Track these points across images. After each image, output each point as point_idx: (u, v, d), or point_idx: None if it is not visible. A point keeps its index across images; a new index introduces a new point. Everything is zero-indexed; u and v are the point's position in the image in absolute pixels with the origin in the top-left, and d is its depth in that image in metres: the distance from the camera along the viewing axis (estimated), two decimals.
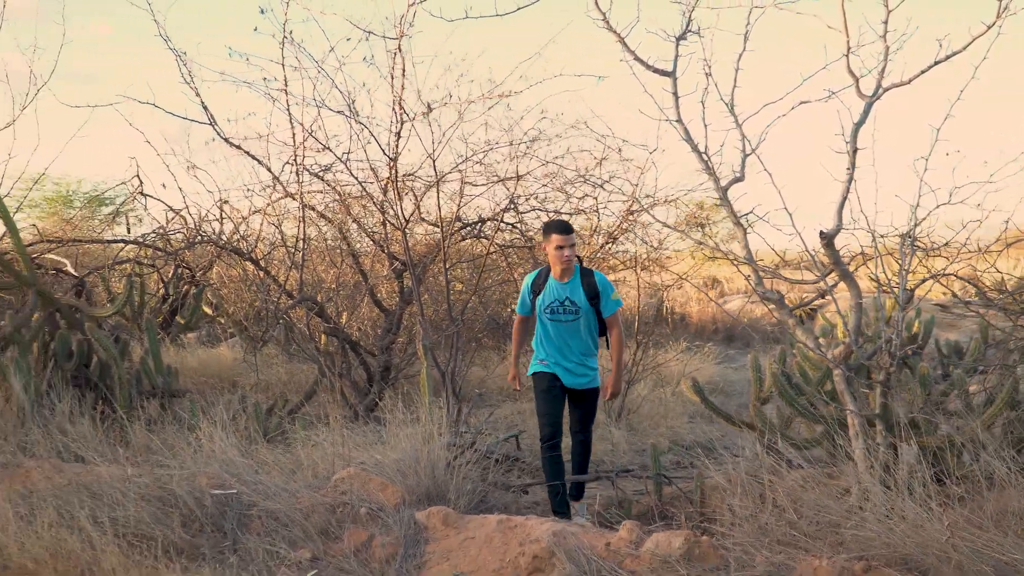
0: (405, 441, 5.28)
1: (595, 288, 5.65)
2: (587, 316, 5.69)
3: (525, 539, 3.94)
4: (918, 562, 3.17)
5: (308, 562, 4.15)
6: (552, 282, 5.74)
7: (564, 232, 5.56)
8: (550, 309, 5.71)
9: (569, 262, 5.59)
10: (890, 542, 3.27)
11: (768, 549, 3.56)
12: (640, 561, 3.66)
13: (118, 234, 13.97)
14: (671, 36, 5.58)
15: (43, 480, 5.08)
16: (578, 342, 5.75)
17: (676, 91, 5.53)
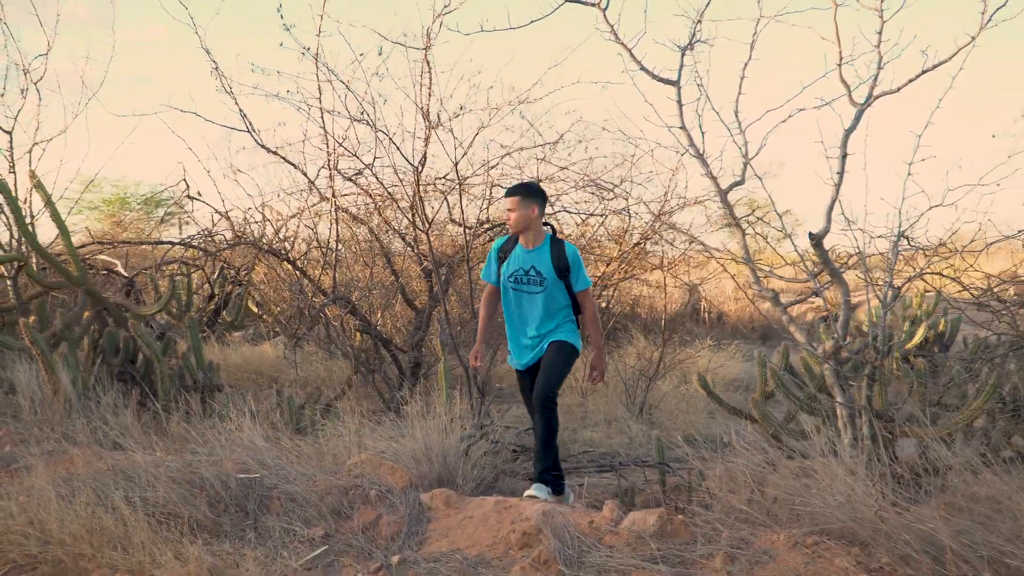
0: (420, 431, 5.59)
1: (564, 260, 5.18)
2: (553, 290, 5.22)
3: (517, 518, 4.24)
4: (859, 536, 3.41)
5: (320, 539, 4.50)
6: (519, 249, 5.31)
7: (507, 194, 5.25)
8: (514, 278, 5.31)
9: (515, 226, 5.21)
10: (834, 517, 3.52)
11: (733, 527, 3.82)
12: (618, 537, 3.95)
13: (167, 236, 14.53)
14: (677, 47, 5.85)
15: (84, 465, 5.52)
16: (542, 316, 5.29)
17: (680, 99, 5.80)
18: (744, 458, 4.39)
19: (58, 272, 8.19)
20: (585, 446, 7.59)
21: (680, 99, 5.79)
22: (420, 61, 7.28)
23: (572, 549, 3.94)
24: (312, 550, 4.43)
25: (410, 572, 4.04)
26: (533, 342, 5.35)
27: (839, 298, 5.45)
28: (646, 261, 11.69)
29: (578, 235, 11.45)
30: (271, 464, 5.18)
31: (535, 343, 5.35)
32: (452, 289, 8.86)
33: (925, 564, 3.09)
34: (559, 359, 5.25)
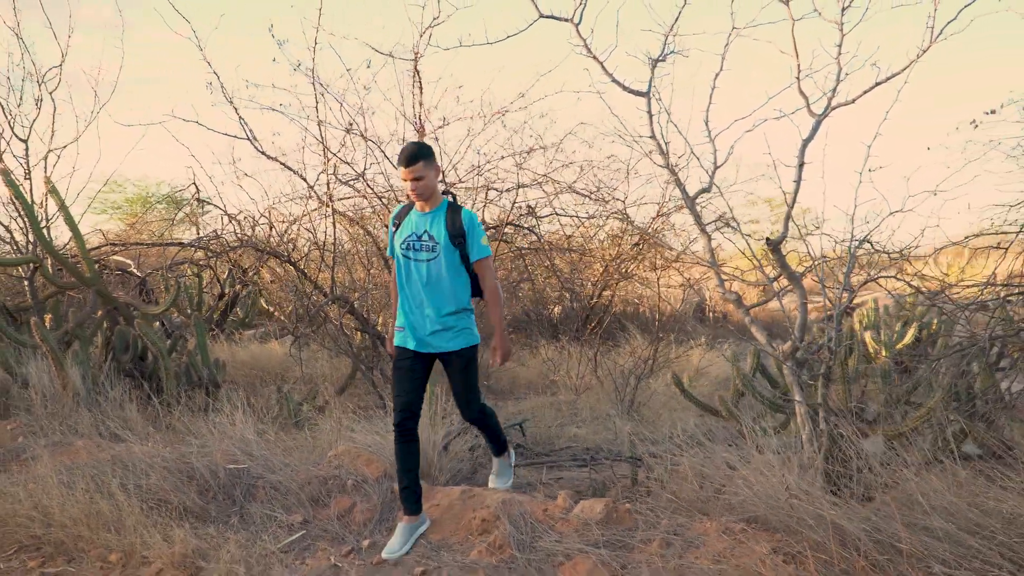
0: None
1: (460, 226, 4.65)
2: (448, 257, 4.65)
3: (479, 506, 4.58)
4: (780, 524, 3.71)
5: (298, 524, 4.85)
6: (413, 213, 4.79)
7: (405, 163, 4.59)
8: (406, 244, 4.74)
9: (416, 194, 4.64)
10: (756, 507, 3.83)
11: (672, 516, 4.13)
12: (568, 524, 4.27)
13: (179, 237, 14.95)
14: (649, 59, 6.16)
15: (87, 455, 5.90)
16: (436, 291, 4.69)
17: (650, 110, 6.11)
18: (690, 453, 4.69)
19: (71, 273, 8.59)
20: (569, 441, 7.89)
21: (650, 110, 6.10)
22: (410, 71, 7.62)
23: (526, 535, 4.27)
24: (291, 535, 4.78)
25: (375, 556, 4.38)
26: (429, 329, 4.72)
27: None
28: (645, 261, 12.01)
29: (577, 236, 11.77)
30: (258, 455, 5.53)
31: (442, 327, 4.72)
32: None
33: (834, 549, 3.38)
34: (471, 375, 4.85)
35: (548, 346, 12.28)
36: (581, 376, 10.85)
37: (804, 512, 3.58)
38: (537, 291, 11.56)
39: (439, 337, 4.73)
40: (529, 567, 4.05)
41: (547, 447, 7.41)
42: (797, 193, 5.57)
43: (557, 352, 11.98)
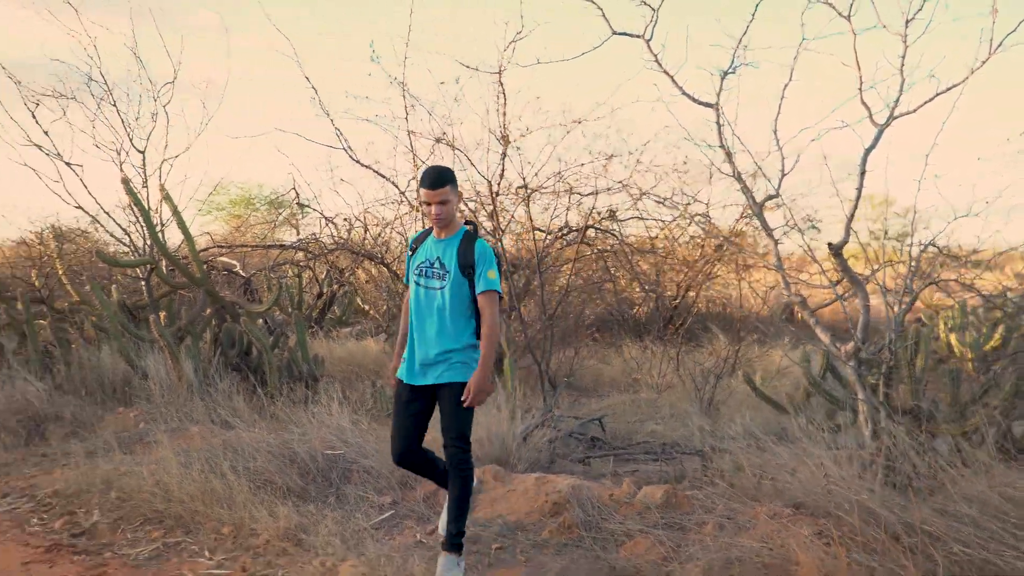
0: (484, 419, 6.38)
1: (471, 256, 4.40)
2: (456, 287, 4.40)
3: (551, 491, 5.00)
4: (820, 509, 4.03)
5: (388, 505, 5.35)
6: (429, 240, 4.59)
7: (431, 187, 4.33)
8: (419, 270, 4.54)
9: (439, 220, 4.40)
10: (802, 495, 4.15)
11: (728, 501, 4.48)
12: (631, 507, 4.67)
13: (280, 239, 15.73)
14: (719, 72, 6.49)
15: (201, 440, 6.53)
16: (442, 320, 4.44)
17: (719, 121, 6.43)
18: (748, 447, 5.02)
19: (183, 274, 9.30)
20: (646, 437, 8.23)
21: (719, 121, 6.42)
22: (495, 83, 8.08)
23: (592, 517, 4.68)
24: (381, 514, 5.28)
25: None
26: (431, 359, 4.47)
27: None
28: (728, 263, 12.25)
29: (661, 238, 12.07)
30: (353, 443, 6.06)
31: (431, 363, 4.47)
32: (529, 290, 9.60)
33: (859, 527, 3.70)
34: (458, 411, 4.45)
35: (632, 345, 12.62)
36: (663, 375, 11.16)
37: (841, 498, 3.89)
38: (618, 292, 11.91)
39: (435, 369, 4.44)
40: (594, 545, 4.46)
41: (624, 441, 7.78)
42: (859, 200, 5.82)
43: (640, 351, 12.30)
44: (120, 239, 11.21)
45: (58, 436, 7.73)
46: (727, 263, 12.25)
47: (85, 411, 8.19)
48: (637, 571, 4.14)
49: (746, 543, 3.93)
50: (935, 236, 5.82)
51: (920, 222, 5.68)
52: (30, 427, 7.97)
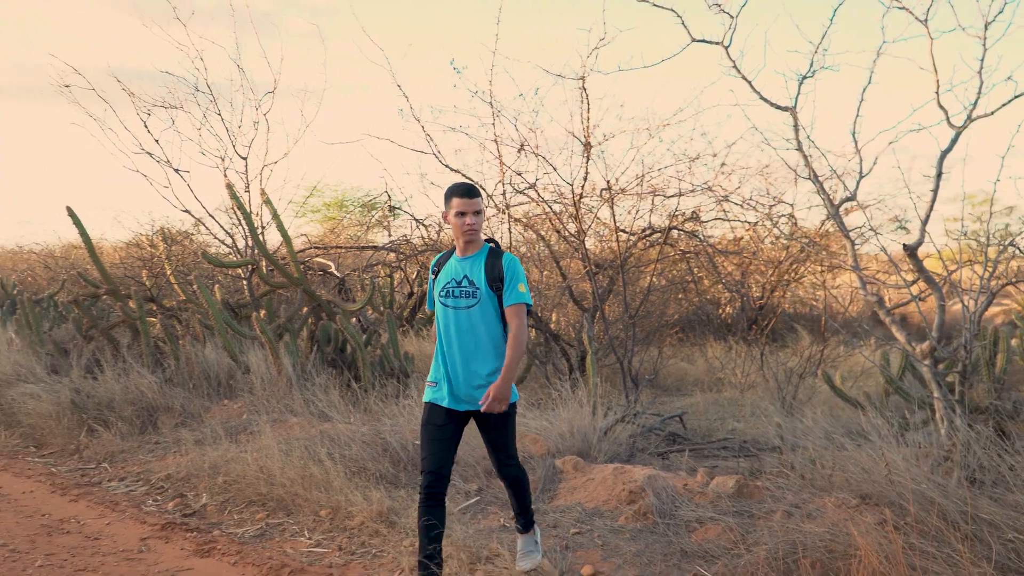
0: (565, 413, 6.66)
1: (499, 270, 4.33)
2: (487, 304, 4.33)
3: (628, 480, 5.24)
4: (883, 498, 4.19)
5: (474, 492, 5.67)
6: (453, 259, 4.48)
7: (467, 195, 4.30)
8: (445, 290, 4.42)
9: (472, 231, 4.31)
10: (867, 485, 4.32)
11: (799, 492, 4.67)
12: (704, 496, 4.88)
13: (373, 240, 16.26)
14: (797, 76, 6.64)
15: (300, 430, 6.96)
16: (475, 341, 4.35)
17: (796, 124, 6.58)
18: (820, 442, 5.18)
19: (282, 274, 9.80)
20: (727, 434, 8.39)
21: (796, 124, 6.57)
22: (579, 89, 8.34)
23: (667, 504, 4.91)
24: (468, 500, 5.60)
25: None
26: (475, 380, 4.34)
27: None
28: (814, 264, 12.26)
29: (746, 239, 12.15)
30: None
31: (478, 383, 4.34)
32: (612, 290, 9.81)
33: (929, 521, 3.85)
34: (506, 430, 4.47)
35: (716, 345, 12.72)
36: (746, 374, 11.26)
37: (903, 488, 4.05)
38: (702, 292, 12.04)
39: (480, 393, 4.31)
40: (667, 531, 4.70)
41: (704, 438, 7.95)
42: (934, 202, 5.91)
43: (725, 351, 12.41)
44: (223, 240, 11.85)
45: (169, 425, 8.28)
46: (812, 264, 12.26)
47: (193, 403, 8.74)
48: (707, 554, 4.37)
49: (811, 529, 4.11)
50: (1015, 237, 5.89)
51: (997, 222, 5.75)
52: (144, 417, 8.55)
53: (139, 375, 9.05)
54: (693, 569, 4.31)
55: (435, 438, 4.36)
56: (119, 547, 5.50)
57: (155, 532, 5.76)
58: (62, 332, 11.62)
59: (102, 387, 9.05)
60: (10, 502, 6.62)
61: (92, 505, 6.48)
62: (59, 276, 17.58)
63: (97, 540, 5.65)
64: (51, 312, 12.48)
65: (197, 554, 5.30)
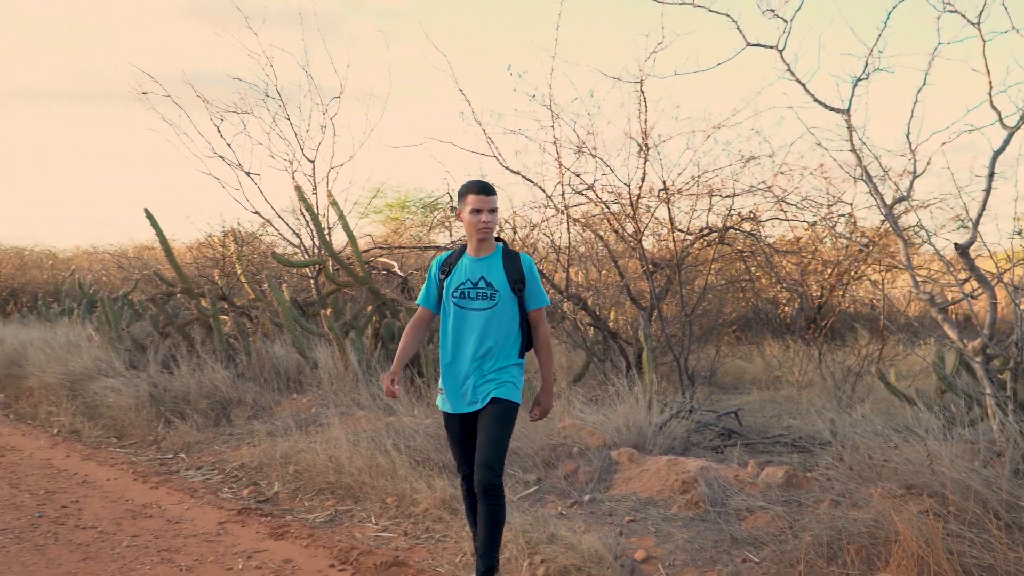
0: (622, 408, 6.86)
1: (520, 271, 4.26)
2: (505, 306, 4.24)
3: (681, 471, 5.44)
4: (929, 489, 4.33)
5: (533, 481, 5.91)
6: (466, 259, 4.37)
7: (483, 192, 4.21)
8: (459, 291, 4.29)
9: (487, 230, 4.23)
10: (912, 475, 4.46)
11: (846, 482, 4.82)
12: (755, 487, 5.06)
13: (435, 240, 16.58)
14: (852, 78, 6.77)
15: (366, 423, 7.27)
16: (490, 342, 4.25)
17: (850, 125, 6.70)
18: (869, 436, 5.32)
19: (347, 273, 10.14)
20: (782, 431, 8.50)
21: (850, 126, 6.69)
22: (636, 92, 8.54)
23: (718, 494, 5.10)
24: (527, 489, 5.85)
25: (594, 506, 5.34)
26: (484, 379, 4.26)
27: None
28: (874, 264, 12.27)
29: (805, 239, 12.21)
30: None
31: (481, 383, 4.26)
32: (670, 289, 9.97)
33: (970, 510, 4.00)
34: (503, 430, 4.27)
35: (774, 344, 12.79)
36: (804, 373, 11.32)
37: (946, 478, 4.19)
38: (758, 291, 12.12)
39: (483, 390, 4.24)
40: (718, 519, 4.89)
41: (759, 434, 8.08)
42: (987, 201, 6.00)
43: (783, 350, 12.47)
44: (290, 241, 12.25)
45: (241, 418, 8.67)
46: (871, 263, 12.27)
47: (264, 396, 9.12)
48: (756, 540, 4.55)
49: (856, 516, 4.28)
50: None
51: None
52: (217, 410, 8.96)
53: (213, 370, 9.46)
54: (742, 555, 4.50)
55: (458, 442, 4.44)
56: (199, 530, 5.84)
57: (232, 517, 6.10)
58: (138, 329, 12.14)
59: (178, 381, 9.50)
60: (96, 488, 7.03)
61: (172, 492, 6.86)
62: (132, 276, 18.25)
63: (178, 523, 6.01)
64: (126, 310, 13.00)
65: (271, 537, 5.62)
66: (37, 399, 11.01)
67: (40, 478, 7.39)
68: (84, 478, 7.38)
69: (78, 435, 9.31)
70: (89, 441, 9.00)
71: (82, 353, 11.32)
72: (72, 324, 15.21)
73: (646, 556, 4.63)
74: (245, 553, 5.35)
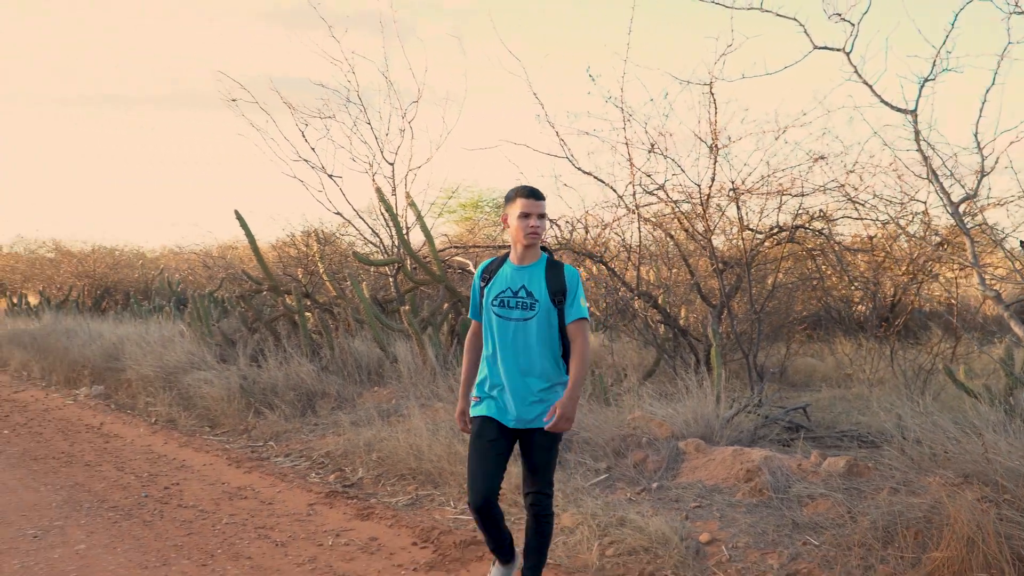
0: (690, 402, 7.10)
1: (562, 282, 4.09)
2: (546, 317, 4.08)
3: (745, 460, 5.67)
4: (985, 477, 4.50)
5: (603, 470, 6.19)
6: (507, 266, 4.22)
7: (532, 196, 4.07)
8: (499, 300, 4.15)
9: (535, 235, 4.07)
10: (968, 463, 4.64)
11: (906, 471, 5.01)
12: (817, 475, 5.28)
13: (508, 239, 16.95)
14: (918, 79, 6.91)
15: (444, 413, 7.63)
16: (530, 355, 4.11)
17: (916, 125, 6.85)
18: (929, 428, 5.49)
19: (425, 272, 10.53)
20: (851, 427, 8.63)
21: (916, 126, 6.84)
22: (706, 94, 8.76)
23: (781, 482, 5.33)
24: (597, 476, 6.13)
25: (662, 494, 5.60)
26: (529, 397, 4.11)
27: None
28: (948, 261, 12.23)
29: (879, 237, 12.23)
30: (577, 418, 6.93)
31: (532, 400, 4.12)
32: (740, 287, 10.13)
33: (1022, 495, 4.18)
34: (554, 456, 4.24)
35: (845, 342, 12.84)
36: (875, 371, 11.38)
37: (999, 466, 4.36)
38: (828, 289, 12.18)
39: (533, 409, 4.11)
40: (781, 505, 5.12)
41: (827, 430, 8.23)
42: None
43: (855, 348, 12.52)
44: (370, 240, 12.72)
45: (326, 409, 9.12)
46: (946, 262, 12.24)
47: (347, 388, 9.57)
48: (816, 525, 4.78)
49: (912, 502, 4.48)
50: None
51: None
52: (303, 401, 9.43)
53: (298, 363, 9.95)
54: (802, 538, 4.73)
55: (488, 454, 4.13)
56: (290, 510, 6.27)
57: (320, 499, 6.51)
58: (226, 325, 12.73)
59: (266, 374, 10.00)
60: (194, 472, 7.52)
61: (263, 476, 7.31)
62: (216, 275, 18.98)
63: (271, 504, 6.44)
64: (214, 307, 13.63)
65: (358, 517, 6.01)
66: (135, 390, 11.65)
67: (143, 462, 7.92)
68: (182, 463, 7.88)
69: (174, 424, 9.87)
70: (185, 429, 9.55)
71: (175, 347, 11.95)
72: (163, 320, 15.97)
73: (710, 538, 4.89)
74: (334, 531, 5.75)
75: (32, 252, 31.21)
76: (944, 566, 3.81)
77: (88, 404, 11.53)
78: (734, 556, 4.71)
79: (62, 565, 5.20)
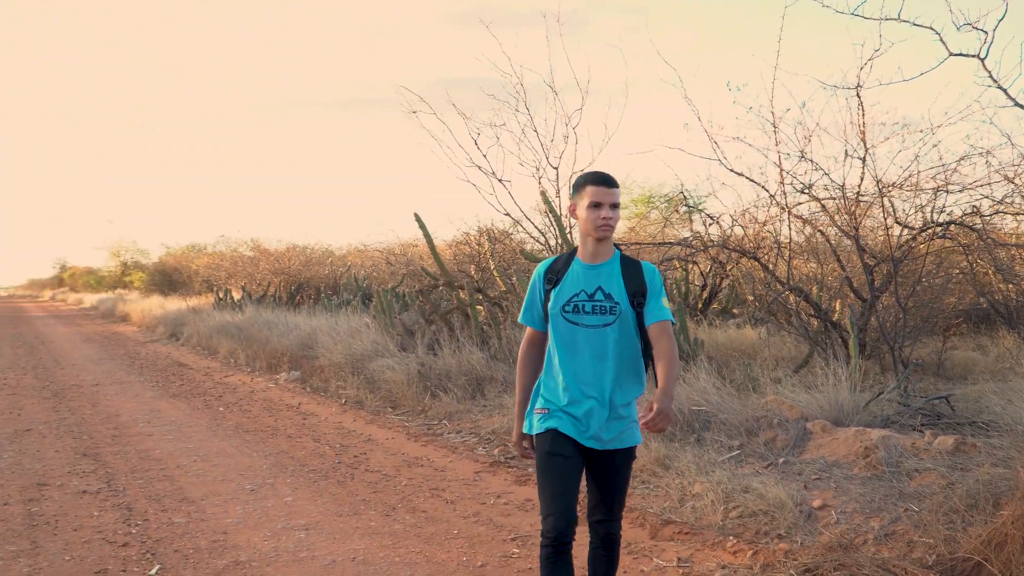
0: (827, 388, 7.62)
1: (642, 281, 3.60)
2: (625, 322, 3.59)
3: (865, 439, 6.21)
4: None
5: (736, 447, 6.85)
6: (577, 265, 3.69)
7: (604, 184, 3.54)
8: (572, 305, 3.62)
9: (608, 227, 3.56)
10: None
11: (1009, 449, 5.45)
12: (928, 453, 5.79)
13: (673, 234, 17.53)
14: None
15: None
16: (609, 365, 3.59)
17: None
18: None
19: None
20: (993, 416, 8.83)
21: None
22: (852, 99, 9.19)
23: (894, 457, 5.86)
24: (730, 452, 6.80)
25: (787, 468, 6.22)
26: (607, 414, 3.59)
27: None
28: None
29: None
30: (714, 402, 7.61)
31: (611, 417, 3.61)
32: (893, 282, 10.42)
33: None
34: (627, 477, 3.77)
35: (1008, 336, 12.78)
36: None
37: None
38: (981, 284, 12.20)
39: (613, 428, 3.62)
40: (891, 478, 5.67)
41: (967, 418, 8.51)
42: None
43: (1017, 342, 12.45)
44: (536, 239, 13.65)
45: (493, 392, 10.10)
46: None
47: (512, 375, 10.52)
48: (919, 495, 5.31)
49: (1000, 472, 4.96)
50: None
51: None
52: (473, 385, 10.46)
53: (469, 352, 11.00)
54: (905, 505, 5.27)
55: (565, 472, 3.57)
56: (460, 476, 7.25)
57: (485, 468, 7.47)
58: (406, 317, 13.99)
59: (441, 361, 11.12)
60: (378, 445, 8.65)
61: (437, 449, 8.35)
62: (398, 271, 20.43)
63: (443, 472, 7.45)
64: (395, 301, 14.94)
65: (516, 483, 6.94)
66: (327, 375, 13.07)
67: (335, 436, 9.13)
68: (368, 437, 9.05)
69: (361, 404, 11.13)
70: (370, 409, 10.78)
71: (362, 337, 13.31)
72: (351, 313, 17.51)
73: (822, 504, 5.51)
74: (495, 493, 6.69)
75: (234, 251, 34.14)
76: (1011, 523, 4.30)
77: (287, 387, 13.05)
78: (841, 519, 5.31)
79: (275, 512, 6.36)
